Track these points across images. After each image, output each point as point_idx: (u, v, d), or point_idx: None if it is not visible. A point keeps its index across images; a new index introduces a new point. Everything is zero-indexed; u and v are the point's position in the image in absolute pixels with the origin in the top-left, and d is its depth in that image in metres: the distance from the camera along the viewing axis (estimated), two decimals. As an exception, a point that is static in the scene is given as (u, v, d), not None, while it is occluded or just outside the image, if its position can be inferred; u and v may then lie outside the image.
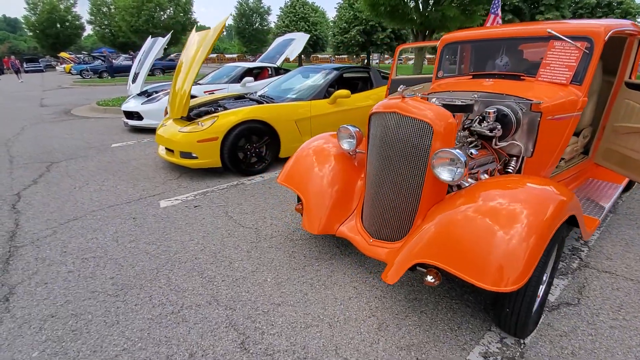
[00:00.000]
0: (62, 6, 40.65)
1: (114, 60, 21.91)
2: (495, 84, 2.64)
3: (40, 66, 29.96)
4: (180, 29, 28.32)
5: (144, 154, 5.15)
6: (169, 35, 6.49)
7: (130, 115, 6.42)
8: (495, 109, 2.30)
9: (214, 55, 54.65)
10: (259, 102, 4.61)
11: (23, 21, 42.12)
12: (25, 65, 31.23)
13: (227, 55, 56.62)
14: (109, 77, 19.26)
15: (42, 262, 2.48)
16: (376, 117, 2.05)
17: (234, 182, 4.01)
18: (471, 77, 2.95)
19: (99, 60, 21.69)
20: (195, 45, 4.09)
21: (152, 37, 7.06)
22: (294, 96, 4.71)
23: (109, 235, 2.85)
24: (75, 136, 6.27)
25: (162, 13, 28.12)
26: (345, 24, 25.88)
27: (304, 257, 2.52)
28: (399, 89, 1.91)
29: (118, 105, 9.06)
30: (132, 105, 6.38)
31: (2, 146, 5.64)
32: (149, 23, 26.87)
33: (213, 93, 6.74)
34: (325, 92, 4.69)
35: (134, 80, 6.56)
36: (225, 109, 4.44)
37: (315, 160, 2.46)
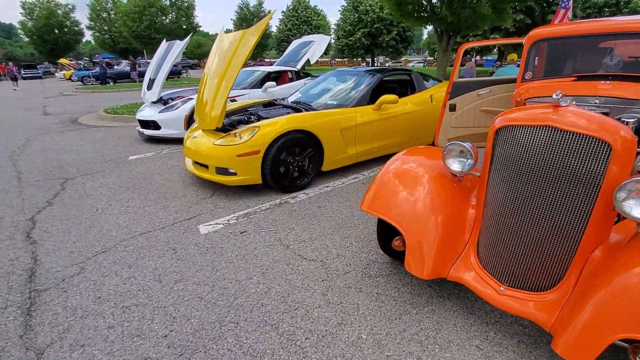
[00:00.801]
0: (59, 11, 40.27)
1: (107, 67, 21.53)
2: (617, 87, 2.20)
3: (39, 73, 29.50)
4: (182, 33, 27.91)
5: (166, 167, 4.69)
6: (187, 39, 6.06)
7: (146, 124, 5.96)
8: (636, 118, 1.86)
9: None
10: (296, 110, 4.17)
11: (19, 27, 41.70)
12: (23, 72, 30.78)
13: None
14: (101, 84, 18.82)
15: (73, 313, 2.01)
16: (511, 132, 1.60)
17: (276, 200, 3.55)
18: (575, 78, 2.51)
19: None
20: (229, 48, 3.64)
21: (166, 41, 6.63)
22: (334, 102, 4.26)
23: (148, 273, 2.38)
24: (86, 148, 5.81)
25: (164, 18, 27.77)
26: (350, 27, 25.55)
27: (395, 302, 2.05)
28: (554, 95, 1.47)
29: (127, 113, 8.61)
30: (148, 113, 5.92)
31: (6, 160, 5.17)
32: (150, 28, 26.49)
33: (235, 100, 6.28)
34: (369, 97, 4.25)
35: (149, 87, 6.12)
36: (260, 117, 4.00)
37: (410, 183, 2.00)
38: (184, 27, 28.86)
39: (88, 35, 42.95)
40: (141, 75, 20.48)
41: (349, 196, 3.62)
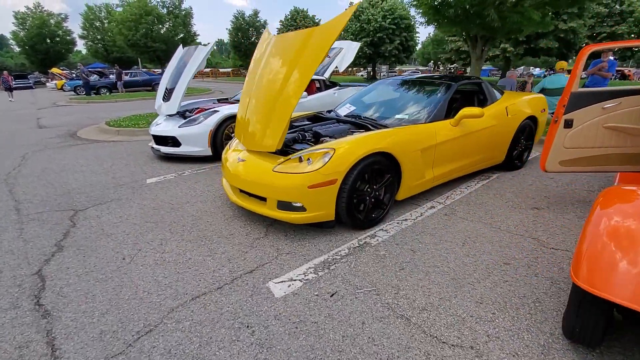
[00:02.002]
0: (52, 21, 39.33)
1: (100, 77, 20.67)
2: None
3: (30, 83, 28.37)
4: (180, 42, 27.22)
5: (195, 193, 3.92)
6: (211, 44, 5.33)
7: (162, 140, 5.18)
8: None
9: (208, 69, 53.87)
10: (358, 126, 3.46)
11: (10, 37, 40.59)
12: (13, 82, 29.63)
13: (220, 70, 55.77)
14: (85, 95, 17.92)
15: None
16: None
17: (352, 241, 2.81)
18: None
19: (95, 76, 20.37)
20: (288, 52, 2.93)
21: (182, 47, 5.90)
22: (405, 117, 3.57)
23: (225, 374, 1.61)
24: (93, 168, 5.00)
25: (160, 26, 27.03)
26: (351, 36, 25.17)
27: None
28: None
29: (133, 125, 7.82)
30: (165, 128, 5.14)
31: (1, 184, 4.34)
32: (147, 37, 25.72)
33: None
34: (445, 110, 3.58)
35: (165, 98, 5.35)
36: (318, 135, 3.28)
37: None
38: (182, 35, 28.15)
39: (80, 45, 42.02)
40: (128, 85, 19.71)
41: (440, 234, 2.90)
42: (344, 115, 3.93)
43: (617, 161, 2.93)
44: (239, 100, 5.99)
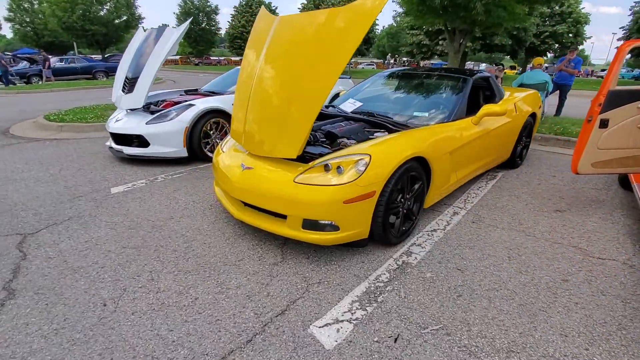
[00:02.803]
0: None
1: (31, 64, 17.94)
2: None
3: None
4: (123, 25, 24.70)
5: (178, 205, 3.26)
6: (185, 25, 4.53)
7: (124, 139, 4.36)
8: None
9: (177, 57, 49.75)
10: (376, 125, 3.05)
11: None
12: None
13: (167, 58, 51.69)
14: (4, 85, 15.44)
15: None
16: None
17: (388, 262, 2.40)
18: None
19: (24, 63, 17.68)
20: (306, 39, 2.40)
21: (144, 29, 5.02)
22: (424, 114, 3.21)
23: None
24: (38, 174, 4.06)
25: (100, 7, 24.18)
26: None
27: None
28: None
29: (79, 120, 6.71)
30: (128, 125, 4.32)
31: None
32: (84, 19, 22.87)
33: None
34: (466, 107, 3.28)
35: (127, 89, 4.49)
36: (333, 136, 2.82)
37: None
38: (125, 18, 25.48)
39: (6, 29, 36.61)
40: (63, 73, 17.37)
41: (480, 246, 2.61)
42: (351, 112, 3.49)
43: None
44: (211, 93, 5.31)
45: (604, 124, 2.69)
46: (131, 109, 4.62)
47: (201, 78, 22.00)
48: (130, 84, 4.46)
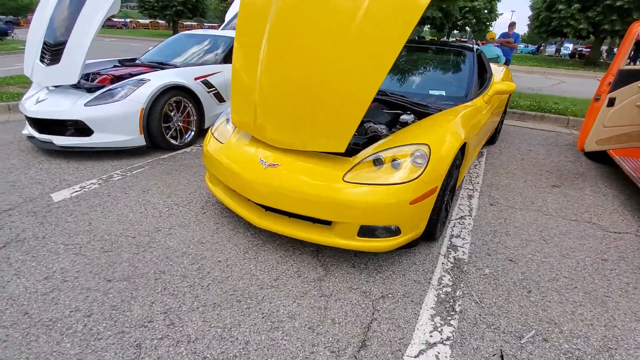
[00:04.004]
0: None
1: None
2: None
3: None
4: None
5: (158, 211, 2.56)
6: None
7: (48, 125, 3.31)
8: None
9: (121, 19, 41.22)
10: (393, 105, 2.71)
11: None
12: None
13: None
14: None
15: None
16: None
17: (440, 259, 2.18)
18: None
19: None
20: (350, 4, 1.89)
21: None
22: (441, 92, 2.96)
23: None
24: None
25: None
26: None
27: None
28: None
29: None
30: (56, 107, 3.27)
31: None
32: None
33: (208, 81, 4.14)
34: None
35: (47, 59, 3.33)
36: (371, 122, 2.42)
37: None
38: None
39: None
40: None
41: (514, 232, 2.54)
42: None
43: None
44: (159, 65, 4.35)
45: (611, 102, 2.78)
46: (56, 86, 3.52)
47: (108, 43, 18.76)
48: (52, 52, 3.35)
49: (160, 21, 40.33)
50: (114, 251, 2.11)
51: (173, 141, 3.74)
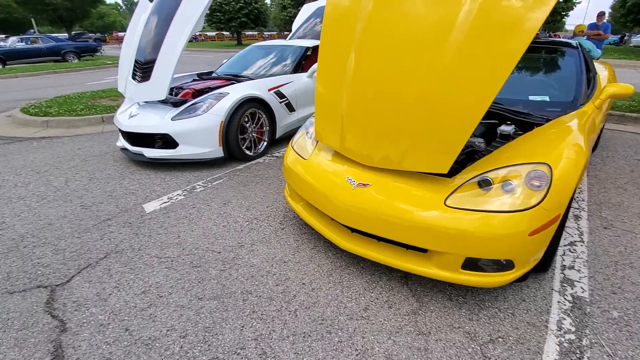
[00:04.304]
0: None
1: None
2: None
3: None
4: (89, 0, 22.25)
5: (238, 225, 2.59)
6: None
7: (142, 139, 3.56)
8: None
9: (122, 33, 46.50)
10: (497, 116, 2.42)
11: None
12: None
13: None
14: None
15: None
16: None
17: (556, 299, 1.87)
18: None
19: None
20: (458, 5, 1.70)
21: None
22: (544, 98, 2.61)
23: None
24: (38, 188, 3.24)
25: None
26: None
27: None
28: None
29: (67, 113, 5.71)
30: (147, 121, 3.51)
31: None
32: (42, -9, 20.36)
33: (284, 97, 4.18)
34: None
35: (139, 76, 3.61)
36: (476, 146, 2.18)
37: None
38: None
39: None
40: (23, 55, 15.23)
41: (623, 254, 2.12)
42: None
43: None
44: (234, 77, 4.49)
45: None
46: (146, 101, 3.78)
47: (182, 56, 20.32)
48: (142, 70, 3.60)
49: (225, 33, 42.98)
50: (202, 267, 2.14)
51: (248, 152, 3.81)
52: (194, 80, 4.70)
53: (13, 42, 15.87)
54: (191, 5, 3.35)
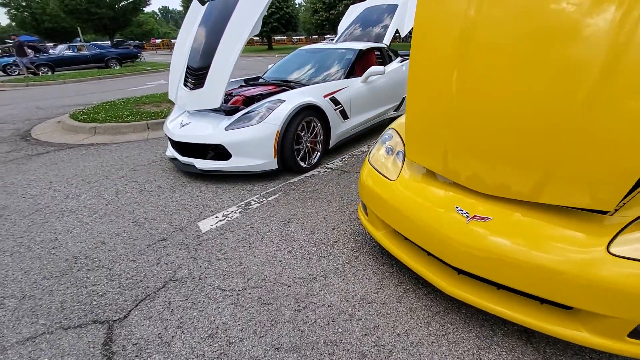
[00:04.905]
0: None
1: (36, 53, 16.47)
2: None
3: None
4: (130, 7, 23.20)
5: (304, 251, 2.28)
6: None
7: (193, 149, 3.36)
8: None
9: (159, 40, 48.54)
10: None
11: None
12: None
13: (173, 41, 50.10)
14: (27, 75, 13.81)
15: None
16: None
17: None
18: None
19: (30, 51, 16.54)
20: None
21: (201, 2, 3.91)
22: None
23: None
24: (90, 200, 3.10)
25: (104, -12, 22.63)
26: None
27: None
28: None
29: (114, 119, 5.69)
30: (200, 130, 3.30)
31: None
32: (88, 1, 21.41)
33: (339, 104, 3.87)
34: None
35: (191, 83, 3.42)
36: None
37: None
38: (131, 0, 23.91)
39: (1, 14, 35.27)
40: (70, 62, 15.84)
41: None
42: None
43: None
44: (285, 82, 4.24)
45: None
46: (197, 110, 3.58)
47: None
48: (195, 76, 3.41)
49: (255, 37, 43.66)
50: (272, 304, 1.84)
51: (302, 163, 3.52)
52: (241, 86, 4.50)
53: (61, 49, 16.68)
54: (249, 6, 3.11)
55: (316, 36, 43.07)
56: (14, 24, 32.44)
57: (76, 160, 4.27)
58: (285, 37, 49.65)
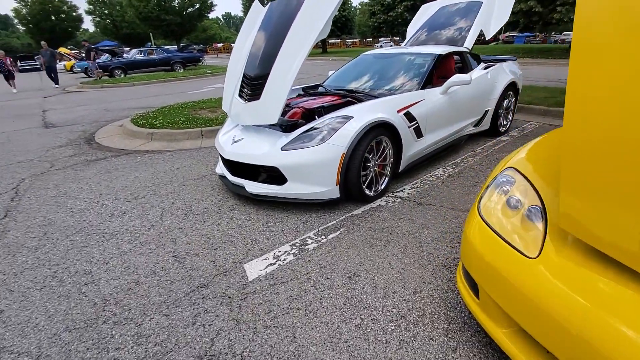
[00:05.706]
0: (55, -4, 36.53)
1: (113, 57, 17.75)
2: None
3: (37, 64, 26.15)
4: (196, 14, 24.43)
5: (379, 328, 1.71)
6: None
7: (243, 168, 2.95)
8: None
9: (220, 44, 50.90)
10: None
11: (13, 14, 38.07)
12: (19, 64, 27.52)
13: (233, 45, 52.42)
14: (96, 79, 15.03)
15: None
16: None
17: None
18: None
19: (106, 55, 17.97)
20: None
21: (264, 2, 3.54)
22: None
23: None
24: (133, 222, 2.81)
25: (174, -4, 24.10)
26: (389, 0, 21.91)
27: None
28: None
29: (170, 125, 5.58)
30: (253, 149, 2.87)
31: (-32, 274, 2.22)
32: (159, 8, 22.88)
33: (414, 119, 3.25)
34: None
35: (248, 94, 3.03)
36: None
37: None
38: (197, 5, 25.16)
39: (87, 21, 39.51)
40: (140, 66, 16.78)
41: None
42: None
43: None
44: (349, 93, 3.67)
45: None
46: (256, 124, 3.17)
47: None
48: (252, 86, 3.00)
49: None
50: (338, 423, 1.30)
51: (367, 191, 2.95)
52: (299, 95, 4.03)
53: (133, 54, 17.86)
54: (316, 6, 2.62)
55: (370, 39, 41.99)
56: (98, 30, 36.18)
57: (129, 169, 4.12)
58: (339, 40, 49.33)
